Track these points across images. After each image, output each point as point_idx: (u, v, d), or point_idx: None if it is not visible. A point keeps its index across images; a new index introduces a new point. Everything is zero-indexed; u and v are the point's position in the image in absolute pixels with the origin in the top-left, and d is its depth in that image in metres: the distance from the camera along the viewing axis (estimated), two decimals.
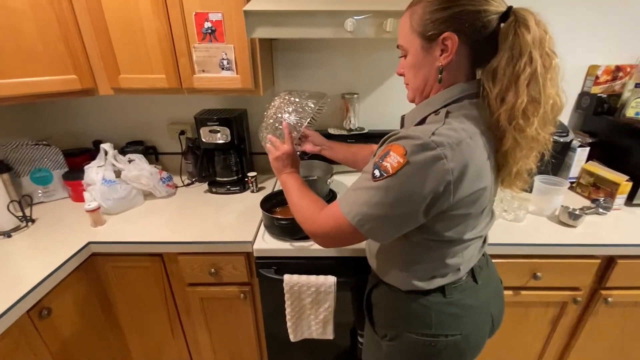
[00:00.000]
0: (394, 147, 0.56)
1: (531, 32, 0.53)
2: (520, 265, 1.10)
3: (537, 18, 0.55)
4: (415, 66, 0.65)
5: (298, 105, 0.96)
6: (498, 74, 0.56)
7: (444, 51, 0.60)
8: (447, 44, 0.59)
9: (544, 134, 0.58)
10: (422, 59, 0.63)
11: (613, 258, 1.09)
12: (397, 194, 0.56)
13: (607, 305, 1.15)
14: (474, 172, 0.56)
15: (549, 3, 1.35)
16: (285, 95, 1.00)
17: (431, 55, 0.61)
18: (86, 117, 1.57)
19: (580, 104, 1.50)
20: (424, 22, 0.60)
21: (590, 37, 1.40)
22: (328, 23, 0.95)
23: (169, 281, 1.19)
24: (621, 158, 1.30)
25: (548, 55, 0.55)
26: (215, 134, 1.34)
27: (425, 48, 0.61)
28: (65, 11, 1.08)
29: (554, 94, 0.56)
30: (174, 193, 1.44)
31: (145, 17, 1.09)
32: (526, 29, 0.53)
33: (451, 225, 0.63)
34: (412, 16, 0.62)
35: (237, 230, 1.14)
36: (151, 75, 1.17)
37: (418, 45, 0.62)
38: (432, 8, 0.58)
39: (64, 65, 1.12)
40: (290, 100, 0.97)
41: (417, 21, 0.61)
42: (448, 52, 0.59)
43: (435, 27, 0.58)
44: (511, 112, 0.55)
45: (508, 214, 1.19)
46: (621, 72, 1.41)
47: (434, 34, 0.59)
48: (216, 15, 1.08)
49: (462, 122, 0.58)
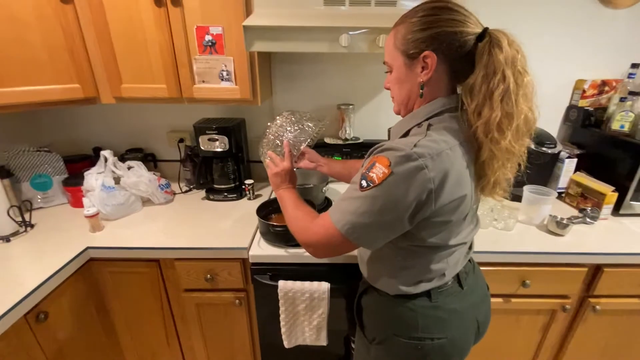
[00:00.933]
0: (379, 159, 0.60)
1: (504, 52, 0.57)
2: (510, 273, 1.12)
3: (510, 39, 0.59)
4: (399, 81, 0.69)
5: (299, 125, 1.01)
6: (474, 90, 0.60)
7: (425, 68, 0.64)
8: (427, 62, 0.63)
9: (518, 146, 0.62)
10: (405, 75, 0.67)
11: (600, 267, 1.12)
12: (383, 202, 0.60)
13: (595, 313, 1.17)
14: (454, 180, 0.60)
15: (540, 21, 1.41)
16: (288, 114, 1.05)
17: (413, 71, 0.66)
18: (87, 125, 1.60)
19: (569, 116, 1.55)
20: (406, 41, 0.64)
21: (578, 53, 1.46)
22: (324, 38, 0.99)
23: (165, 287, 1.21)
24: (607, 169, 1.34)
25: (520, 73, 0.59)
26: (214, 142, 1.37)
27: (408, 65, 0.66)
28: (71, 22, 1.12)
29: (527, 109, 0.60)
30: (172, 200, 1.46)
31: (148, 29, 1.13)
32: (499, 49, 0.57)
33: (435, 231, 0.66)
34: (396, 35, 0.67)
35: (233, 236, 1.16)
36: (152, 85, 1.21)
37: (401, 62, 0.67)
38: (414, 29, 0.63)
39: (68, 75, 1.16)
40: (292, 120, 1.03)
41: (400, 40, 0.65)
42: (428, 69, 0.64)
43: (416, 46, 0.63)
44: (487, 125, 0.59)
45: (498, 223, 1.22)
46: (607, 87, 1.47)
47: (415, 53, 0.64)
48: (217, 29, 1.12)
49: (442, 134, 0.62)
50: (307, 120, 1.05)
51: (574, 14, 1.40)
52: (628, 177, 1.25)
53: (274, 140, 1.03)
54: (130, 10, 1.10)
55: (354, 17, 1.03)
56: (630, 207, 1.29)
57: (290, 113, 1.07)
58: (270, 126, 1.06)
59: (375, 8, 1.05)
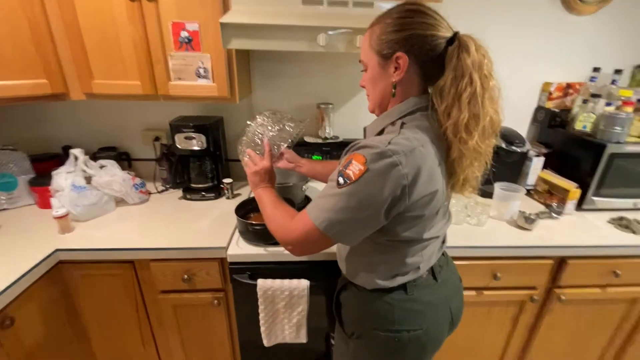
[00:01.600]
0: (355, 156, 0.62)
1: (471, 57, 0.61)
2: (482, 267, 1.17)
3: (477, 44, 0.62)
4: (373, 80, 0.71)
5: (279, 125, 1.02)
6: (444, 92, 0.63)
7: (397, 69, 0.66)
8: (399, 62, 0.66)
9: (485, 146, 0.66)
10: (378, 74, 0.70)
11: (564, 259, 1.19)
12: (360, 198, 0.61)
13: (561, 303, 1.24)
14: (426, 176, 0.62)
15: (509, 26, 1.47)
16: (269, 114, 1.05)
17: (386, 71, 0.68)
18: (56, 122, 1.53)
19: (537, 117, 1.63)
20: (380, 42, 0.66)
21: (545, 56, 1.54)
22: (302, 37, 1.00)
23: (141, 289, 1.17)
24: (572, 167, 1.42)
25: (486, 77, 0.62)
26: (191, 141, 1.34)
27: (382, 65, 0.68)
28: (37, 15, 1.07)
29: (492, 111, 0.64)
30: (147, 200, 1.43)
31: (120, 24, 1.10)
32: (467, 54, 0.61)
33: (409, 226, 0.68)
34: (372, 35, 0.68)
35: (211, 236, 1.15)
36: (126, 81, 1.17)
37: (375, 62, 0.69)
38: (388, 29, 0.65)
39: (34, 69, 1.10)
40: (273, 119, 1.03)
41: (375, 40, 0.67)
42: (400, 69, 0.66)
43: (390, 46, 0.65)
44: (455, 126, 0.63)
45: (471, 219, 1.27)
46: (571, 89, 1.55)
47: (389, 53, 0.66)
48: (193, 25, 1.11)
49: (415, 132, 0.64)
50: (288, 120, 1.05)
51: (541, 20, 1.47)
52: (590, 174, 1.33)
53: (253, 139, 1.02)
54: (102, 4, 1.07)
55: (332, 17, 1.04)
56: (592, 202, 1.37)
57: (272, 112, 1.07)
58: (250, 125, 1.05)
59: (353, 9, 1.06)
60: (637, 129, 1.34)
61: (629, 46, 1.53)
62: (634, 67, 1.58)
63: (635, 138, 1.33)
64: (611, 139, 1.29)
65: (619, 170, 1.32)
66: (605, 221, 1.31)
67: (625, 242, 1.19)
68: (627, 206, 1.39)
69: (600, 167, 1.31)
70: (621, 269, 1.19)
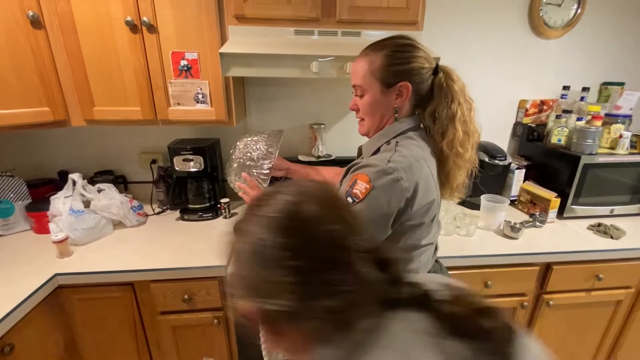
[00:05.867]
0: (360, 176, 0.68)
1: (456, 83, 0.72)
2: (474, 276, 1.22)
3: (456, 74, 0.74)
4: (372, 105, 0.78)
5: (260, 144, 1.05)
6: (436, 114, 0.73)
7: (399, 96, 0.75)
8: (402, 91, 0.74)
9: (474, 157, 0.77)
10: (379, 100, 0.77)
11: (549, 265, 1.25)
12: (369, 214, 0.67)
13: (550, 308, 1.30)
14: (423, 187, 0.70)
15: (486, 48, 1.59)
16: (245, 139, 1.08)
17: (388, 97, 0.76)
18: (52, 148, 1.55)
19: (516, 132, 1.73)
20: (385, 72, 0.74)
21: (519, 76, 1.66)
22: (296, 65, 1.08)
23: (139, 311, 1.18)
24: (551, 178, 1.51)
25: (467, 101, 0.73)
26: (189, 162, 1.38)
27: (384, 92, 0.76)
28: (42, 46, 1.11)
29: (475, 129, 0.75)
30: (144, 222, 1.44)
31: (122, 54, 1.15)
32: (453, 81, 0.72)
33: (410, 233, 0.75)
34: (372, 65, 0.75)
35: (211, 255, 1.17)
36: (126, 107, 1.22)
37: (378, 89, 0.76)
38: (391, 61, 0.73)
39: (37, 98, 1.14)
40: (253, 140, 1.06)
41: (378, 70, 0.75)
42: (403, 96, 0.74)
43: (395, 76, 0.74)
44: (452, 143, 0.72)
45: (461, 230, 1.33)
46: (545, 106, 1.67)
47: (393, 82, 0.74)
48: (192, 54, 1.17)
49: (409, 149, 0.72)
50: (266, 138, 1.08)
51: (514, 43, 1.60)
52: (568, 184, 1.42)
53: (243, 163, 1.06)
54: (104, 36, 1.13)
55: (323, 46, 1.12)
56: (572, 210, 1.45)
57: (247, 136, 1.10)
58: (234, 151, 1.10)
59: (342, 38, 1.15)
60: (607, 141, 1.46)
61: (594, 66, 1.68)
62: (600, 84, 1.72)
63: (605, 149, 1.44)
64: (584, 150, 1.39)
65: (594, 180, 1.42)
66: (585, 228, 1.39)
67: (604, 246, 1.26)
68: (604, 213, 1.48)
69: (576, 177, 1.40)
70: (603, 272, 1.26)
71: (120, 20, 1.10)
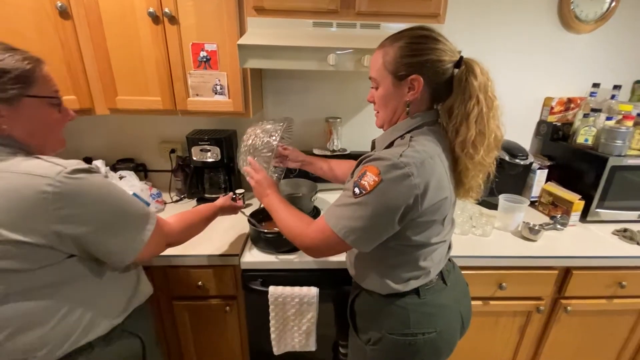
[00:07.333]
0: (370, 168, 0.67)
1: (477, 80, 0.67)
2: (488, 277, 1.19)
3: (481, 67, 0.69)
4: (385, 98, 0.77)
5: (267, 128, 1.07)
6: (453, 111, 0.70)
7: (411, 89, 0.72)
8: (414, 84, 0.71)
9: (488, 159, 0.72)
10: (392, 93, 0.75)
11: (569, 269, 1.21)
12: (375, 207, 0.66)
13: (567, 314, 1.25)
14: (435, 185, 0.68)
15: (512, 44, 1.54)
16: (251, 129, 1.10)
17: (400, 90, 0.74)
18: (78, 136, 1.61)
19: (539, 130, 1.67)
20: (396, 64, 0.72)
21: (546, 72, 1.60)
22: (313, 57, 1.07)
23: (156, 295, 1.22)
24: (575, 179, 1.45)
25: (490, 98, 0.69)
26: (206, 153, 1.41)
27: (396, 85, 0.74)
28: (69, 37, 1.15)
29: (495, 128, 0.71)
30: (162, 209, 1.48)
31: (145, 45, 1.18)
32: (474, 77, 0.67)
33: (419, 230, 0.73)
34: (385, 56, 0.74)
35: (225, 244, 1.19)
36: (147, 97, 1.25)
37: (390, 82, 0.74)
38: (404, 53, 0.71)
39: (65, 87, 1.18)
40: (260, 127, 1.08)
41: (390, 62, 0.73)
42: (415, 90, 0.72)
43: (406, 69, 0.71)
44: (463, 142, 0.69)
45: (477, 230, 1.30)
46: (572, 104, 1.60)
47: (404, 75, 0.71)
48: (211, 45, 1.19)
49: (423, 145, 0.69)
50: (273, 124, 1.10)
51: (542, 38, 1.53)
52: (593, 186, 1.36)
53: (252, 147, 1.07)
54: (128, 28, 1.16)
55: (341, 38, 1.11)
56: (596, 214, 1.39)
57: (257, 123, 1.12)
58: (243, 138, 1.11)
59: (361, 30, 1.14)
60: (638, 142, 1.38)
61: (627, 63, 1.59)
62: (634, 82, 1.62)
63: (636, 151, 1.37)
64: (613, 152, 1.32)
65: (622, 183, 1.35)
66: (609, 232, 1.33)
67: (630, 253, 1.21)
68: (631, 218, 1.41)
69: (602, 179, 1.34)
70: (627, 280, 1.21)
71: (143, 11, 1.13)
